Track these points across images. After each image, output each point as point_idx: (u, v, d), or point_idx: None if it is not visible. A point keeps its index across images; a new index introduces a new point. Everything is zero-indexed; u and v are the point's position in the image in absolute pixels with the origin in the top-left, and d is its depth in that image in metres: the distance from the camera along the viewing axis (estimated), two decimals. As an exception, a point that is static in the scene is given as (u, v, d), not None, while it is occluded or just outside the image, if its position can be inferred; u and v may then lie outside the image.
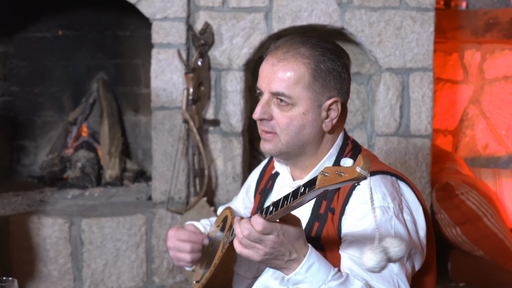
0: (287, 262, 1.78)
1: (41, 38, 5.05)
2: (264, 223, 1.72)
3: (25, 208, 4.24)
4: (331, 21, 4.02)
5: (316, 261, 1.78)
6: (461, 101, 5.30)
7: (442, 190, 4.13)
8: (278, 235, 1.73)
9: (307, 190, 1.60)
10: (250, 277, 2.19)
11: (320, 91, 1.99)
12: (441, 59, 5.19)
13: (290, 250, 1.76)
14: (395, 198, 1.94)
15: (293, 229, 1.76)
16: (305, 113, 1.99)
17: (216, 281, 2.11)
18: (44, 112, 5.12)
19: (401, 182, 2.02)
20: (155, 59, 4.12)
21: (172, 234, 2.25)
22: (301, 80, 1.98)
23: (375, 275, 1.82)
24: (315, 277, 1.77)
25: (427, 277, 2.05)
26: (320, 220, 1.98)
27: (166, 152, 4.16)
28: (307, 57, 1.99)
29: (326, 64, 1.99)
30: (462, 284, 4.21)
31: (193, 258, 2.24)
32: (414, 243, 1.91)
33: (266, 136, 2.05)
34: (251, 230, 1.73)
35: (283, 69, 1.99)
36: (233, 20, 4.06)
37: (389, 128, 4.08)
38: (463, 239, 4.13)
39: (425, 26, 4.03)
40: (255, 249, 1.75)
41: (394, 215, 1.89)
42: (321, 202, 2.00)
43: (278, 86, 1.98)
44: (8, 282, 1.79)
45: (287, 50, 2.00)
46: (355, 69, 4.33)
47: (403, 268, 1.86)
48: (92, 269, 4.05)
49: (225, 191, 4.18)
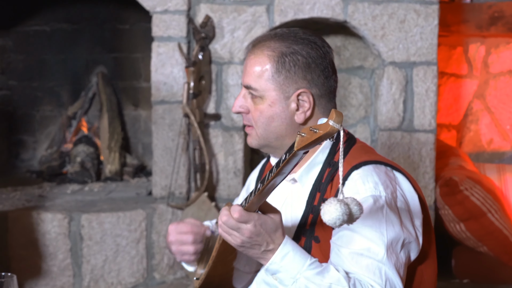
0: (263, 252, 1.82)
1: (39, 32, 5.03)
2: (241, 211, 1.77)
3: (24, 204, 4.23)
4: (333, 14, 3.99)
5: (290, 250, 1.81)
6: (465, 95, 5.29)
7: (446, 185, 4.12)
8: (255, 225, 1.78)
9: (287, 156, 1.62)
10: (249, 271, 2.19)
11: (284, 82, 2.02)
12: (445, 53, 5.18)
13: (267, 241, 1.80)
14: (388, 187, 1.93)
15: (271, 221, 1.81)
16: (271, 105, 2.03)
17: (215, 275, 2.10)
18: (42, 106, 5.11)
19: (396, 172, 2.01)
20: (155, 52, 4.10)
21: (173, 228, 2.24)
22: (264, 73, 2.01)
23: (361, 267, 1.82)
24: (290, 266, 1.80)
25: (424, 266, 2.03)
26: (314, 212, 1.98)
27: (166, 146, 4.14)
28: (272, 50, 2.02)
29: (292, 57, 2.01)
30: (466, 280, 4.20)
31: (196, 249, 2.22)
32: (408, 232, 1.90)
33: (247, 130, 2.14)
34: (228, 217, 1.79)
35: (251, 62, 2.05)
36: (234, 13, 4.03)
37: (393, 122, 4.06)
38: (467, 235, 4.13)
39: (429, 20, 4.00)
40: (233, 236, 1.81)
41: (385, 204, 1.89)
42: (315, 194, 2.00)
43: (248, 80, 2.05)
44: (7, 278, 1.78)
45: (257, 44, 2.06)
46: (358, 63, 4.31)
47: (393, 258, 1.84)
48: (91, 265, 4.03)
49: (226, 186, 4.16)
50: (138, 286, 4.09)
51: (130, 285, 4.08)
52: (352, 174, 1.95)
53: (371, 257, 1.83)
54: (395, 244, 1.86)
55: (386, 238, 1.84)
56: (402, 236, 1.88)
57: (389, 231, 1.85)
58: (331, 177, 1.99)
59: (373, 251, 1.83)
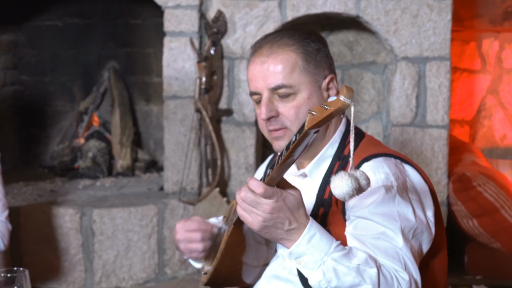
0: (287, 231, 1.74)
1: (51, 27, 5.04)
2: (264, 186, 1.67)
3: (36, 199, 4.24)
4: (346, 9, 3.98)
5: (317, 231, 1.75)
6: (478, 91, 5.27)
7: (458, 181, 4.10)
8: (278, 200, 1.69)
9: (298, 136, 1.58)
10: (258, 265, 2.17)
11: (315, 71, 2.01)
12: (458, 48, 5.16)
13: (289, 219, 1.72)
14: (399, 178, 1.92)
15: (293, 197, 1.73)
16: (309, 97, 2.00)
17: (223, 268, 2.08)
18: (54, 101, 5.12)
19: (406, 165, 2.00)
20: (167, 47, 4.10)
21: (180, 226, 2.22)
22: (295, 67, 1.99)
23: (380, 251, 1.79)
24: (317, 248, 1.74)
25: (436, 260, 2.02)
26: (325, 205, 1.96)
27: (178, 142, 4.14)
28: (293, 44, 2.01)
29: (311, 45, 2.02)
30: (479, 277, 4.17)
31: (204, 246, 2.21)
32: (420, 221, 1.89)
33: (277, 134, 2.04)
34: (247, 192, 1.69)
35: (274, 62, 1.99)
36: (246, 8, 4.02)
37: (405, 118, 4.04)
38: (480, 231, 4.11)
39: (442, 14, 3.98)
40: (254, 215, 1.71)
41: (397, 193, 1.88)
42: (325, 187, 1.99)
43: (276, 80, 1.98)
44: (19, 272, 1.76)
45: (271, 45, 2.02)
46: (370, 58, 4.30)
47: (408, 245, 1.83)
48: (103, 260, 4.04)
49: (238, 181, 4.15)
50: (150, 281, 4.09)
51: (142, 280, 4.08)
52: (362, 166, 1.94)
53: (388, 241, 1.81)
54: (407, 231, 1.85)
55: (400, 224, 1.83)
56: (415, 225, 1.87)
57: (402, 219, 1.85)
58: (342, 169, 1.93)
59: (389, 236, 1.82)
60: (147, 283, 4.09)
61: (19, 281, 1.75)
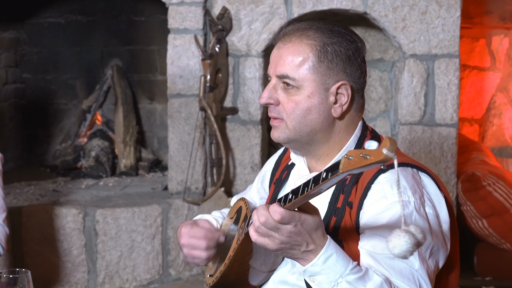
0: (303, 252, 1.75)
1: (53, 24, 5.04)
2: (283, 212, 1.67)
3: (38, 199, 4.23)
4: (353, 5, 3.95)
5: (334, 253, 1.75)
6: (488, 89, 5.26)
7: (468, 181, 4.08)
8: (296, 225, 1.70)
9: (329, 175, 1.56)
10: (266, 270, 2.13)
11: (326, 73, 1.95)
12: (467, 45, 5.15)
13: (307, 241, 1.73)
14: (416, 191, 1.89)
15: (312, 219, 1.73)
16: (310, 96, 1.95)
17: (231, 274, 2.06)
18: (56, 99, 5.12)
19: (423, 174, 1.96)
20: (171, 45, 4.08)
21: (186, 231, 2.18)
22: (305, 62, 1.95)
23: (395, 271, 1.78)
24: (333, 269, 1.74)
25: (451, 274, 2.00)
26: (338, 215, 1.93)
27: (182, 141, 4.12)
28: (313, 39, 1.96)
29: (333, 47, 1.95)
30: (489, 278, 4.16)
31: (208, 255, 2.18)
32: (436, 239, 1.87)
33: (274, 122, 2.02)
34: (268, 218, 1.69)
35: (287, 51, 1.97)
36: (251, 5, 4.00)
37: (413, 116, 4.02)
38: (489, 232, 4.09)
39: (451, 11, 3.95)
40: (271, 238, 1.72)
41: (414, 209, 1.85)
42: (338, 196, 1.95)
43: (283, 69, 1.96)
44: (22, 273, 1.76)
45: (293, 33, 1.99)
46: (378, 55, 4.27)
47: (425, 265, 1.82)
48: (106, 261, 4.02)
49: (243, 181, 4.14)
50: (154, 282, 4.07)
51: (146, 281, 4.06)
52: (379, 177, 1.90)
53: (404, 261, 1.79)
54: (424, 251, 1.82)
55: None
56: (431, 244, 1.85)
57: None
58: (356, 179, 1.94)
59: None
60: (151, 284, 4.07)
61: (22, 282, 1.75)
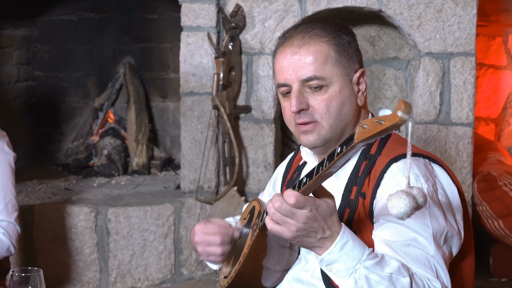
0: (320, 240, 1.74)
1: (65, 21, 5.05)
2: (298, 195, 1.68)
3: (50, 197, 4.24)
4: (368, 3, 3.94)
5: (350, 239, 1.74)
6: (504, 87, 5.24)
7: (483, 181, 4.05)
8: (311, 209, 1.69)
9: (344, 148, 1.54)
10: (280, 270, 2.13)
11: (347, 65, 2.00)
12: (483, 44, 5.13)
13: (323, 227, 1.72)
14: (429, 179, 1.90)
15: (326, 205, 1.72)
16: (341, 90, 1.98)
17: (246, 272, 2.05)
18: (68, 97, 5.14)
19: (435, 164, 1.97)
20: (184, 42, 4.08)
21: (200, 228, 2.18)
22: (328, 59, 1.97)
23: (411, 258, 1.78)
24: (350, 256, 1.73)
25: (464, 262, 2.00)
26: (351, 206, 1.94)
27: (195, 139, 4.12)
28: (324, 36, 1.99)
29: (343, 38, 2.01)
30: (504, 279, 4.13)
31: (223, 250, 2.17)
32: (450, 225, 1.87)
33: (306, 128, 2.00)
34: (282, 202, 1.69)
35: (306, 53, 1.97)
36: (265, 2, 3.99)
37: (429, 115, 4.00)
38: (505, 232, 4.07)
39: (467, 9, 3.93)
40: (287, 225, 1.71)
41: (428, 196, 1.84)
42: (352, 188, 1.96)
43: (308, 71, 1.96)
44: (34, 272, 1.76)
45: (302, 35, 2.00)
46: (393, 53, 4.26)
47: (440, 251, 1.82)
48: (118, 260, 4.02)
49: (256, 180, 4.12)
50: (166, 282, 4.07)
51: (158, 280, 4.06)
52: (391, 167, 1.91)
53: (419, 248, 1.80)
54: (439, 236, 1.83)
55: (432, 230, 1.81)
56: (446, 229, 1.85)
57: (433, 224, 1.82)
58: (368, 170, 1.94)
59: (420, 242, 1.80)
60: (163, 284, 4.07)
61: (34, 281, 1.75)
